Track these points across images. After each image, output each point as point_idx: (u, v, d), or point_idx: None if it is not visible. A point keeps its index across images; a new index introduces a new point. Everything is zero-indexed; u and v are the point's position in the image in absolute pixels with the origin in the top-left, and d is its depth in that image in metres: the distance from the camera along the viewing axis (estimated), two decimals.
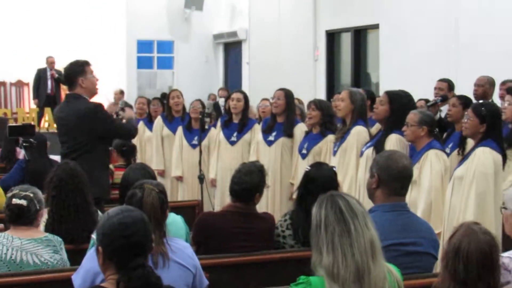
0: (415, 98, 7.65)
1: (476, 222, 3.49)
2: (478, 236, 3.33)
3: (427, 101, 8.95)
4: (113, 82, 16.54)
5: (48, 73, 17.18)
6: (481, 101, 6.27)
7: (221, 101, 15.34)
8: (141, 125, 9.99)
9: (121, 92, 17.43)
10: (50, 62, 17.16)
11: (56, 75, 16.97)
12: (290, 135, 8.03)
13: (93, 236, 4.38)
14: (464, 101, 7.01)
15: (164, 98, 10.71)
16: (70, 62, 6.64)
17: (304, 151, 7.72)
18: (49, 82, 17.17)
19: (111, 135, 6.75)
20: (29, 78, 17.87)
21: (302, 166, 7.65)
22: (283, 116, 8.12)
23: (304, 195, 5.10)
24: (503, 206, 3.92)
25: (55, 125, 15.63)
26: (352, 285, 3.15)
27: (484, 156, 5.55)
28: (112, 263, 3.12)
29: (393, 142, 6.42)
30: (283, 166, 8.05)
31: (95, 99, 6.69)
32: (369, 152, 6.60)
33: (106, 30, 18.84)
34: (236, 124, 8.77)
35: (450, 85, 8.80)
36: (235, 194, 5.13)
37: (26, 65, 17.87)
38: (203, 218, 5.24)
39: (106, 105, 15.69)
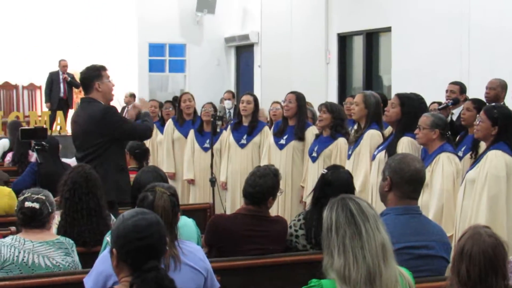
0: (428, 101, 7.63)
1: (486, 226, 3.49)
2: (483, 238, 3.34)
3: (440, 104, 8.92)
4: (125, 86, 16.54)
5: (61, 76, 17.20)
6: (493, 104, 6.25)
7: (226, 103, 15.35)
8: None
9: (131, 95, 17.44)
10: (63, 65, 17.18)
11: (69, 79, 17.01)
12: (301, 138, 8.02)
13: (107, 238, 4.39)
14: (478, 105, 6.97)
15: (175, 101, 10.71)
16: (86, 66, 6.63)
17: (314, 154, 7.71)
18: (61, 86, 17.19)
19: (124, 137, 6.69)
20: (41, 81, 17.90)
21: (312, 169, 7.67)
22: (294, 119, 8.11)
23: (320, 198, 5.09)
24: None
25: (67, 129, 15.78)
26: None
27: (496, 159, 5.54)
28: (126, 265, 3.13)
29: (405, 145, 6.40)
30: (294, 170, 8.05)
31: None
32: (381, 155, 6.58)
33: (117, 34, 18.87)
34: (246, 126, 8.78)
35: (462, 88, 8.77)
36: (248, 196, 5.14)
37: (38, 68, 17.91)
38: (215, 221, 5.24)
39: (119, 109, 15.78)
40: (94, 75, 6.48)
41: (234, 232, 5.04)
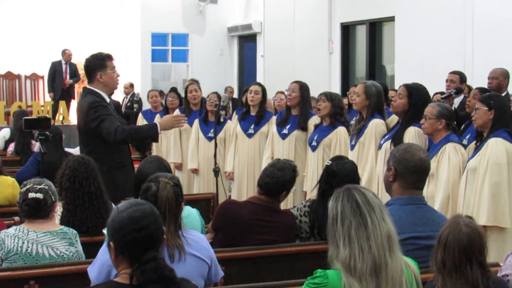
0: (431, 91, 7.61)
1: (468, 216, 3.51)
2: (459, 228, 3.36)
3: (443, 93, 8.92)
4: (128, 75, 16.53)
5: (63, 66, 17.21)
6: (487, 93, 6.30)
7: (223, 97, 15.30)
8: (157, 118, 9.94)
9: (131, 86, 17.43)
10: (68, 55, 17.17)
11: (71, 82, 17.10)
12: (304, 128, 8.00)
13: (104, 231, 4.38)
14: (485, 92, 6.98)
15: (175, 91, 10.67)
16: (92, 54, 6.56)
17: (314, 143, 7.71)
18: (63, 76, 17.19)
19: (104, 137, 6.28)
20: (44, 71, 17.89)
21: (312, 158, 7.68)
22: (297, 108, 8.09)
23: (325, 190, 5.09)
24: None
25: (70, 118, 15.79)
26: (369, 279, 3.14)
27: (497, 146, 5.57)
28: (124, 257, 3.11)
29: (412, 135, 6.39)
30: (297, 159, 8.00)
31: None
32: (387, 145, 6.58)
33: (120, 23, 18.86)
34: (253, 116, 8.76)
35: (462, 77, 8.77)
36: (264, 186, 5.15)
37: (41, 58, 17.89)
38: (225, 205, 5.26)
39: (121, 99, 15.74)
40: (97, 65, 6.41)
41: (242, 219, 5.04)
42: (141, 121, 10.85)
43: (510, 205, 5.58)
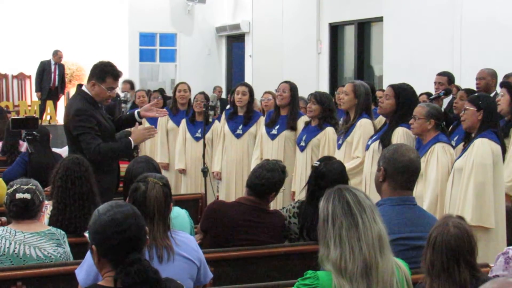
0: (419, 91, 7.62)
1: (459, 216, 3.51)
2: (448, 229, 3.36)
3: (429, 94, 8.93)
4: None
5: (52, 67, 17.16)
6: (476, 94, 6.31)
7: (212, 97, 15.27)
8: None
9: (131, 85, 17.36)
10: (59, 57, 17.11)
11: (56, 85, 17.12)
12: (293, 128, 7.99)
13: (86, 234, 4.35)
14: (472, 94, 6.98)
15: (160, 91, 10.61)
16: (101, 61, 6.31)
17: (302, 144, 7.70)
18: (52, 76, 17.14)
19: (83, 146, 6.17)
20: (31, 70, 17.82)
21: (300, 158, 7.66)
22: (287, 108, 8.08)
23: (314, 191, 5.08)
24: None
25: (57, 118, 15.73)
26: (360, 280, 3.13)
27: (482, 147, 5.58)
28: (107, 260, 3.07)
29: (400, 135, 6.40)
30: (286, 159, 7.99)
31: None
32: (375, 145, 6.58)
33: (108, 23, 18.80)
34: (241, 117, 8.73)
35: (450, 78, 8.79)
36: (253, 187, 5.15)
37: (28, 57, 17.82)
38: (214, 207, 5.24)
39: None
40: (98, 74, 6.21)
41: (231, 220, 5.04)
42: None
43: (495, 205, 5.59)
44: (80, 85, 6.58)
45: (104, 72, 6.21)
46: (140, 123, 6.73)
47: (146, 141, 9.69)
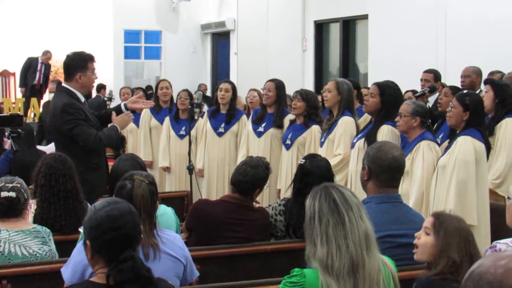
0: (404, 89, 7.64)
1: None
2: None
3: (414, 92, 8.95)
4: (100, 72, 16.44)
5: (39, 65, 17.11)
6: (465, 91, 6.30)
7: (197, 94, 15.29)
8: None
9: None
10: (48, 57, 17.06)
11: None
12: (280, 126, 7.99)
13: (81, 230, 4.33)
14: (456, 91, 7.00)
15: (147, 90, 10.61)
16: (74, 52, 6.45)
17: (288, 142, 7.69)
18: (37, 74, 17.08)
19: (77, 140, 6.23)
20: (15, 68, 17.74)
21: (286, 157, 7.66)
22: (273, 107, 8.08)
23: (301, 189, 5.08)
24: (508, 196, 3.92)
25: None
26: (346, 277, 3.13)
27: (465, 144, 5.59)
28: (101, 256, 3.06)
29: (385, 133, 6.41)
30: (272, 157, 8.00)
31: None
32: (360, 143, 6.59)
33: (93, 20, 18.72)
34: (224, 114, 8.71)
35: (436, 76, 8.80)
36: (237, 184, 5.15)
37: (12, 54, 17.73)
38: (199, 205, 5.24)
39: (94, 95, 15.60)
40: (79, 65, 6.29)
41: (216, 218, 5.04)
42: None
43: (477, 202, 5.61)
44: (59, 83, 6.57)
45: (82, 60, 6.33)
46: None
47: (128, 139, 9.78)
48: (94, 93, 16.07)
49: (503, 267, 1.83)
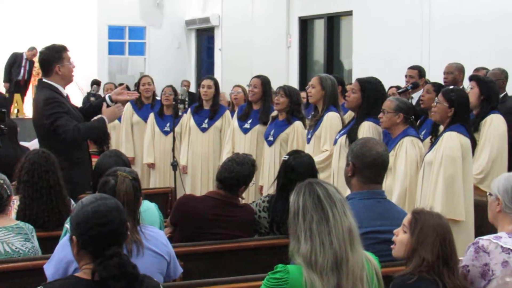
0: (389, 85, 7.65)
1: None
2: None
3: (398, 88, 8.98)
4: (84, 68, 16.37)
5: (23, 61, 17.03)
6: (451, 87, 6.32)
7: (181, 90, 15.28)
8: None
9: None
10: (33, 54, 16.98)
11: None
12: (266, 122, 7.97)
13: (67, 225, 4.32)
14: (438, 88, 7.02)
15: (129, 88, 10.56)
16: (46, 46, 6.46)
17: (270, 138, 7.68)
18: (22, 70, 17.00)
19: (59, 133, 6.21)
20: None
21: (268, 153, 7.66)
22: (259, 103, 8.07)
23: (285, 185, 5.08)
24: (489, 192, 3.94)
25: (25, 112, 15.58)
26: (330, 273, 3.13)
27: (451, 140, 5.61)
28: (87, 252, 3.06)
29: (366, 129, 6.42)
30: (258, 154, 8.00)
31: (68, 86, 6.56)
32: (343, 139, 6.59)
33: (77, 16, 18.64)
34: (207, 110, 8.72)
35: (420, 72, 8.82)
36: (223, 180, 5.14)
37: None
38: (183, 200, 5.23)
39: (81, 95, 15.54)
40: (54, 57, 6.32)
41: (201, 214, 5.03)
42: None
43: (464, 198, 5.64)
44: (40, 80, 6.56)
45: (56, 51, 6.36)
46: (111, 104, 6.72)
47: (112, 135, 9.75)
48: (85, 87, 16.06)
49: None
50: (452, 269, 3.43)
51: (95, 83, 16.29)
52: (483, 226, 5.02)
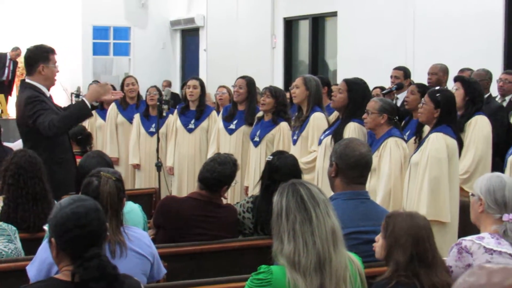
0: (372, 86, 7.67)
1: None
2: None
3: (382, 88, 9.00)
4: (69, 69, 16.33)
5: (7, 61, 16.95)
6: (437, 88, 6.34)
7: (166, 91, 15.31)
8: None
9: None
10: (17, 54, 16.92)
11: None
12: (251, 123, 7.97)
13: (45, 227, 4.30)
14: (422, 89, 7.05)
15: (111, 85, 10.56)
16: (35, 45, 6.44)
17: (256, 139, 7.68)
18: (6, 70, 16.93)
19: (42, 131, 6.15)
20: None
21: (254, 154, 7.66)
22: (244, 104, 8.06)
23: (269, 185, 5.08)
24: (472, 193, 3.96)
25: (8, 112, 15.53)
26: (313, 274, 3.14)
27: (437, 141, 5.62)
28: (66, 254, 3.04)
29: (352, 130, 6.43)
30: (243, 155, 8.00)
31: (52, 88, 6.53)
32: (328, 140, 6.60)
33: (61, 16, 18.58)
34: (194, 111, 8.71)
35: (406, 73, 8.85)
36: (204, 181, 5.13)
37: None
38: (166, 202, 5.23)
39: (66, 95, 15.47)
40: (41, 57, 6.30)
41: (184, 215, 5.02)
42: None
43: (450, 200, 5.65)
44: (23, 80, 6.53)
45: (44, 51, 6.34)
46: (93, 109, 6.65)
47: (96, 135, 9.70)
48: (69, 87, 16.00)
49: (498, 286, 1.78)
50: (430, 266, 3.41)
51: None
52: (467, 226, 5.02)
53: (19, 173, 5.01)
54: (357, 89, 6.66)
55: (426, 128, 6.36)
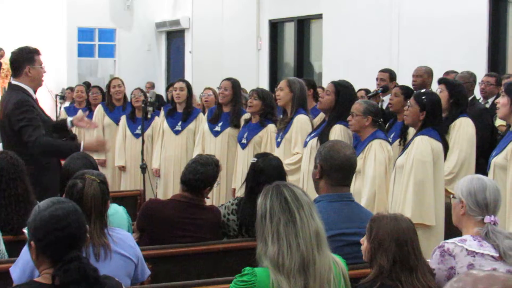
0: (357, 88, 7.68)
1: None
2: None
3: (367, 91, 9.02)
4: (54, 71, 16.27)
5: None
6: (423, 90, 6.36)
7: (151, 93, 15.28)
8: (79, 113, 9.77)
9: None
10: (0, 55, 16.82)
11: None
12: (237, 125, 7.97)
13: (25, 230, 4.28)
14: (406, 91, 7.08)
15: (98, 87, 10.55)
16: (19, 47, 6.41)
17: (244, 141, 7.68)
18: None
19: (24, 140, 6.10)
20: None
21: (242, 156, 7.66)
22: (229, 106, 8.06)
23: (253, 187, 5.08)
24: (453, 195, 3.97)
25: None
26: (297, 275, 3.14)
27: (422, 144, 5.63)
28: (46, 257, 3.03)
29: (337, 132, 6.45)
30: (229, 157, 8.00)
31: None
32: (313, 142, 6.62)
33: (46, 17, 18.50)
34: (180, 113, 8.71)
35: (391, 75, 8.88)
36: (187, 183, 5.13)
37: None
38: (149, 205, 5.22)
39: (51, 98, 15.41)
40: (26, 58, 6.27)
41: (167, 218, 5.02)
42: (63, 116, 10.67)
43: (435, 203, 5.66)
44: (10, 82, 6.50)
45: (29, 53, 6.31)
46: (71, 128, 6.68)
47: (83, 137, 9.66)
48: (54, 89, 15.93)
49: None
50: (412, 270, 3.42)
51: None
52: (451, 228, 5.04)
53: (1, 175, 4.98)
54: (344, 92, 6.68)
55: (411, 130, 6.38)
